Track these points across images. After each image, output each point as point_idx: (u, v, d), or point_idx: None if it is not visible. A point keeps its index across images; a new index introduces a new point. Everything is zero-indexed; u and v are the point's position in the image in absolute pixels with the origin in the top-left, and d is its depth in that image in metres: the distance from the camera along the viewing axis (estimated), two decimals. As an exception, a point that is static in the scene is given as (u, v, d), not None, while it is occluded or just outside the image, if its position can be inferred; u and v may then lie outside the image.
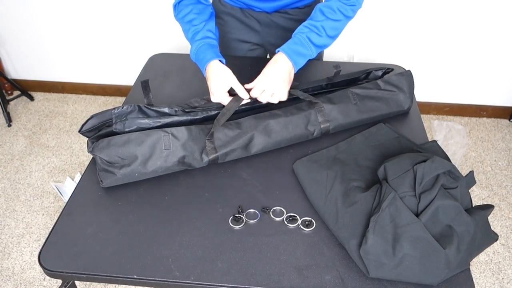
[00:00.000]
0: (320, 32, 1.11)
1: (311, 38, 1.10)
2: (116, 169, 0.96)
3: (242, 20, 1.42)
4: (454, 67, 2.31)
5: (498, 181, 2.10)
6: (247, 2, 1.35)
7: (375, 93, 1.16)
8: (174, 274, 0.81)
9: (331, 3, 1.12)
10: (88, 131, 1.02)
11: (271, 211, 0.93)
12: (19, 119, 2.52)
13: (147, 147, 0.97)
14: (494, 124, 2.46)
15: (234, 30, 1.46)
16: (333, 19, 1.11)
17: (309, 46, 1.10)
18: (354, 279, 0.80)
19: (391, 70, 1.28)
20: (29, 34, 2.48)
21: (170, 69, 1.41)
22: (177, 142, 0.99)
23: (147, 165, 0.97)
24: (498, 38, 2.19)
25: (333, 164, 0.99)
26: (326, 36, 1.11)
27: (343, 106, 1.11)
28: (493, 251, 1.78)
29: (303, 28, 1.12)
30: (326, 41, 1.12)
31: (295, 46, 1.10)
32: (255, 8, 1.37)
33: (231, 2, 1.39)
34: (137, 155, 0.96)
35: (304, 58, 1.11)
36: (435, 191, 0.80)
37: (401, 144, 1.06)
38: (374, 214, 0.81)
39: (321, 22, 1.10)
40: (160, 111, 1.08)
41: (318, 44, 1.11)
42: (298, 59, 1.10)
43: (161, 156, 0.98)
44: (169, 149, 0.98)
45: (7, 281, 1.69)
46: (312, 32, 1.11)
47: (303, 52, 1.10)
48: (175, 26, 2.32)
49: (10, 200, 2.02)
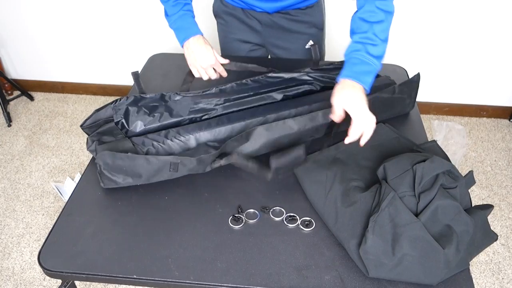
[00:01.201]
0: (375, 41, 0.99)
1: (370, 51, 0.99)
2: (118, 179, 0.96)
3: (243, 20, 1.42)
4: (454, 67, 2.31)
5: (498, 181, 2.10)
6: (249, 2, 1.35)
7: (388, 98, 1.12)
8: (173, 274, 0.81)
9: (367, 7, 1.01)
10: (88, 127, 1.02)
11: (270, 211, 0.93)
12: (19, 119, 2.52)
13: (153, 170, 0.95)
14: (494, 124, 2.46)
15: (235, 30, 1.46)
16: (378, 21, 1.00)
17: (371, 60, 0.99)
18: (354, 279, 0.80)
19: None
20: (29, 34, 2.48)
21: (170, 69, 1.41)
22: (184, 168, 0.97)
23: (151, 179, 0.97)
24: (498, 38, 2.19)
25: (332, 164, 0.99)
26: (381, 42, 1.00)
27: None
28: (493, 251, 1.78)
29: (356, 45, 1.00)
30: (383, 47, 1.01)
31: (356, 67, 0.98)
32: (257, 8, 1.37)
33: (233, 2, 1.39)
34: (141, 173, 0.96)
35: (371, 74, 0.99)
36: (434, 191, 0.80)
37: (401, 144, 1.06)
38: (374, 214, 0.81)
39: (369, 31, 1.00)
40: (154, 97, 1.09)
41: (378, 55, 1.00)
42: (365, 77, 0.97)
43: (166, 175, 0.97)
44: (176, 171, 0.97)
45: (7, 281, 1.69)
46: (366, 45, 0.99)
47: (367, 69, 0.99)
48: (175, 26, 2.32)
49: (10, 200, 2.02)
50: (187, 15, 1.17)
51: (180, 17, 1.16)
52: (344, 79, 0.98)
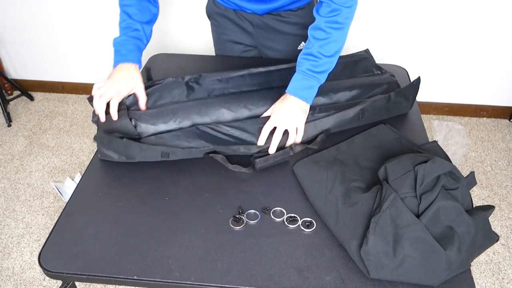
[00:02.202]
0: (318, 58, 1.06)
1: (312, 68, 1.06)
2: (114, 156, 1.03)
3: (235, 22, 1.41)
4: (454, 67, 2.31)
5: (498, 181, 2.10)
6: (238, 3, 1.34)
7: (383, 106, 1.13)
8: (174, 275, 0.81)
9: (317, 22, 1.07)
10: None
11: (271, 212, 0.93)
12: (19, 119, 2.52)
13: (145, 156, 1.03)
14: (494, 124, 2.46)
15: (227, 32, 1.45)
16: (324, 39, 1.06)
17: (312, 76, 1.07)
18: (355, 280, 0.80)
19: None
20: (29, 34, 2.48)
21: (170, 69, 1.41)
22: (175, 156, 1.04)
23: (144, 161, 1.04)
24: (498, 38, 2.19)
25: (333, 164, 0.99)
26: (326, 58, 1.06)
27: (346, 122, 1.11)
28: (493, 251, 1.78)
29: (301, 61, 1.09)
30: (329, 62, 1.08)
31: (299, 83, 1.07)
32: (246, 10, 1.36)
33: (224, 4, 1.39)
34: (135, 157, 1.03)
35: (312, 89, 1.08)
36: (436, 192, 0.80)
37: (402, 144, 1.06)
38: (375, 215, 0.81)
39: (314, 48, 1.06)
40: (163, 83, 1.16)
41: (320, 70, 1.07)
42: (304, 93, 1.07)
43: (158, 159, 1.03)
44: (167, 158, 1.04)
45: (7, 281, 1.69)
46: (308, 61, 1.07)
47: (308, 85, 1.07)
48: (175, 26, 2.33)
49: (10, 200, 2.02)
50: (130, 41, 1.13)
51: (122, 41, 1.13)
52: (286, 93, 1.08)
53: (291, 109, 1.05)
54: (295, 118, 1.05)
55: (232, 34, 1.45)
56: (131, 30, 1.14)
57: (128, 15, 1.14)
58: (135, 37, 1.14)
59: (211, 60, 1.49)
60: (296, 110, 1.05)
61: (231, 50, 1.49)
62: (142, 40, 1.15)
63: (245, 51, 1.48)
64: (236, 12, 1.39)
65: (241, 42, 1.46)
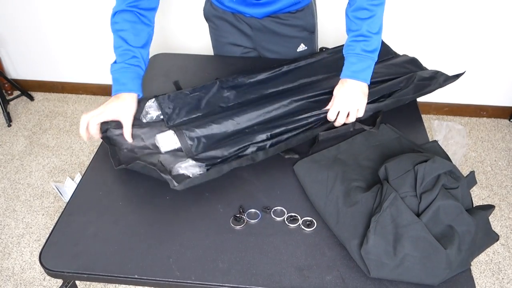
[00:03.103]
0: (368, 37, 1.08)
1: (365, 48, 1.08)
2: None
3: (234, 24, 1.41)
4: (454, 67, 2.31)
5: (498, 181, 2.10)
6: (237, 8, 1.33)
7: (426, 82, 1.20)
8: (175, 274, 0.81)
9: (358, 3, 1.07)
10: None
11: (272, 211, 0.93)
12: (19, 119, 2.52)
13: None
14: (494, 124, 2.46)
15: (226, 34, 1.44)
16: (370, 17, 1.07)
17: (367, 56, 1.08)
18: (355, 279, 0.80)
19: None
20: (29, 34, 2.48)
21: (170, 69, 1.41)
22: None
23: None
24: (498, 38, 2.19)
25: (334, 164, 0.99)
26: (375, 36, 1.08)
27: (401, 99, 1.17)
28: (493, 251, 1.78)
29: (351, 44, 1.10)
30: (377, 39, 1.10)
31: (355, 66, 1.08)
32: (245, 14, 1.36)
33: (222, 7, 1.38)
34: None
35: (369, 69, 1.09)
36: (436, 191, 0.80)
37: (402, 144, 1.06)
38: (375, 214, 0.81)
39: (362, 28, 1.08)
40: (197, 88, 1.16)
41: (373, 49, 1.09)
42: (363, 74, 1.08)
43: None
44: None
45: (7, 281, 1.69)
46: (360, 42, 1.08)
47: (365, 66, 1.09)
48: (175, 26, 2.32)
49: (10, 200, 2.02)
50: (129, 69, 1.08)
51: (120, 69, 1.08)
52: (344, 78, 1.09)
53: (353, 93, 1.06)
54: (356, 101, 1.06)
55: (231, 37, 1.44)
56: (129, 57, 1.09)
57: (124, 41, 1.09)
58: (134, 65, 1.09)
59: (211, 60, 1.49)
60: (357, 93, 1.06)
61: (230, 53, 1.48)
62: (141, 67, 1.11)
63: (244, 53, 1.48)
64: (235, 14, 1.38)
65: (240, 45, 1.46)
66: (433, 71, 1.25)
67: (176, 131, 1.03)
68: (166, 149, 1.02)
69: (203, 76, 1.35)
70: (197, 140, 1.02)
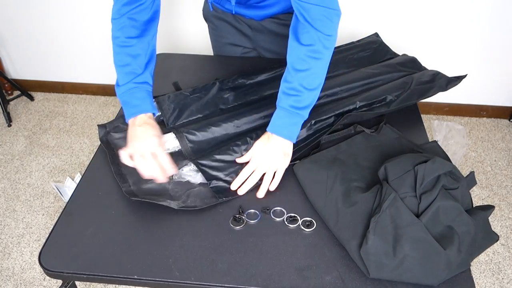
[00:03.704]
0: (300, 92, 0.96)
1: (294, 104, 0.97)
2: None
3: (233, 25, 1.40)
4: (454, 67, 2.31)
5: (498, 181, 2.10)
6: (236, 11, 1.33)
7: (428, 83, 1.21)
8: (174, 274, 0.81)
9: (297, 52, 0.96)
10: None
11: (271, 212, 0.93)
12: (19, 119, 2.52)
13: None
14: (494, 124, 2.46)
15: (226, 35, 1.44)
16: (305, 70, 0.95)
17: (295, 113, 0.98)
18: (355, 280, 0.80)
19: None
20: (30, 34, 2.48)
21: (171, 69, 1.41)
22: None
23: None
24: (498, 38, 2.19)
25: (333, 164, 0.99)
26: (308, 92, 0.97)
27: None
28: (493, 251, 1.78)
29: (281, 97, 0.99)
30: (310, 96, 0.98)
31: (280, 121, 0.98)
32: (246, 16, 1.35)
33: (221, 8, 1.38)
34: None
35: (296, 126, 0.99)
36: (435, 192, 0.80)
37: (402, 144, 1.06)
38: (375, 214, 0.81)
39: (295, 81, 0.96)
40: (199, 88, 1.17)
41: (303, 106, 0.97)
42: (288, 131, 0.98)
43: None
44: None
45: (7, 281, 1.69)
46: (290, 97, 0.97)
47: (291, 122, 0.98)
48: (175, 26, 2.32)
49: (10, 200, 2.02)
50: (138, 88, 1.01)
51: (129, 90, 1.01)
52: (269, 132, 0.99)
53: (272, 152, 0.97)
54: (275, 162, 0.97)
55: (231, 37, 1.44)
56: (136, 75, 1.02)
57: (131, 57, 1.03)
58: (143, 82, 1.02)
59: (211, 60, 1.49)
60: (278, 154, 0.97)
61: (230, 53, 1.48)
62: (149, 83, 1.04)
63: (244, 53, 1.48)
64: (234, 15, 1.38)
65: (240, 45, 1.45)
66: (433, 72, 1.25)
67: (177, 134, 1.02)
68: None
69: (203, 76, 1.35)
70: (197, 144, 1.02)
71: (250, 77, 1.24)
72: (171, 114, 1.11)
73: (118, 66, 1.04)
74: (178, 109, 1.12)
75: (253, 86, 1.22)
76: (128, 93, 1.01)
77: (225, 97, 1.17)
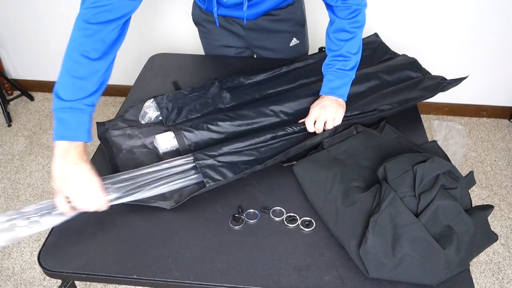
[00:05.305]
0: (347, 57, 1.11)
1: (343, 67, 1.11)
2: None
3: (225, 27, 1.40)
4: (454, 67, 2.31)
5: (498, 181, 2.10)
6: (228, 14, 1.33)
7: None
8: (173, 274, 0.81)
9: (338, 24, 1.11)
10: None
11: (270, 211, 0.93)
12: (19, 119, 2.52)
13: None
14: (494, 124, 2.46)
15: (218, 37, 1.44)
16: (350, 39, 1.11)
17: (344, 73, 1.12)
18: (354, 279, 0.80)
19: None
20: (29, 34, 2.48)
21: (170, 69, 1.41)
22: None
23: None
24: (498, 38, 2.19)
25: (332, 164, 0.99)
26: (354, 56, 1.12)
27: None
28: (493, 251, 1.78)
29: (331, 63, 1.13)
30: (356, 59, 1.13)
31: (333, 83, 1.11)
32: (240, 17, 1.34)
33: (229, 15, 1.36)
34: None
35: (346, 86, 1.12)
36: (435, 192, 0.80)
37: (401, 144, 1.06)
38: (374, 214, 0.81)
39: (342, 49, 1.11)
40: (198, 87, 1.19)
41: (351, 67, 1.12)
42: (340, 91, 1.11)
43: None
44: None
45: (7, 281, 1.69)
46: (339, 62, 1.12)
47: (342, 83, 1.11)
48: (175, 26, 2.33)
49: (10, 200, 2.02)
50: (84, 112, 0.89)
51: (72, 110, 0.88)
52: (323, 95, 1.12)
53: (329, 104, 1.08)
54: (333, 111, 1.07)
55: (223, 39, 1.43)
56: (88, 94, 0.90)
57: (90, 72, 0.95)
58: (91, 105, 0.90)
59: (210, 60, 1.49)
60: (334, 105, 1.08)
61: (223, 54, 1.48)
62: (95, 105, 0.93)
63: (238, 52, 1.48)
64: (225, 17, 1.37)
65: (233, 46, 1.45)
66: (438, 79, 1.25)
67: (175, 132, 1.03)
68: (165, 150, 1.02)
69: (202, 76, 1.35)
70: (195, 142, 1.03)
71: (249, 77, 1.24)
72: (170, 113, 1.11)
73: (70, 75, 0.94)
74: (177, 108, 1.12)
75: (252, 85, 1.22)
76: (70, 112, 0.88)
77: (224, 97, 1.17)
